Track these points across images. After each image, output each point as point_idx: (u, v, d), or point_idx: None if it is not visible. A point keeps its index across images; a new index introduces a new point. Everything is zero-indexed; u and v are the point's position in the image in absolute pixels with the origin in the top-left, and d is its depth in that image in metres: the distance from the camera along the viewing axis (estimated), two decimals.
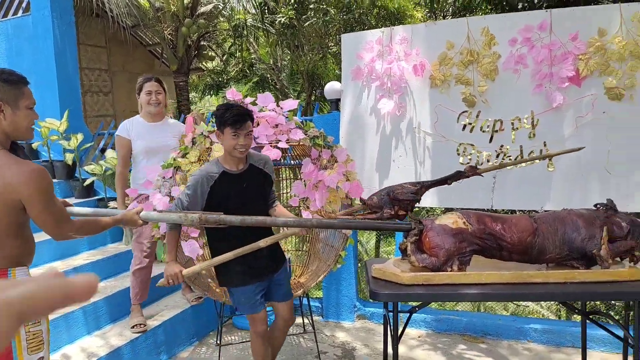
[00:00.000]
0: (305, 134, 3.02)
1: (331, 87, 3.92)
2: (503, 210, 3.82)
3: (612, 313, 4.93)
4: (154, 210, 2.87)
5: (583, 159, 3.20)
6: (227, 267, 2.42)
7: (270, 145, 2.82)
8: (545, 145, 3.27)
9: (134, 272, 3.28)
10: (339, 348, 3.52)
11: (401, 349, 3.31)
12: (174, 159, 3.02)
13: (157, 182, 2.87)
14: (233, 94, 3.22)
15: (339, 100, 3.86)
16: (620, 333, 2.49)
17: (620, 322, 2.38)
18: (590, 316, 2.55)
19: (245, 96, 3.30)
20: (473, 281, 2.22)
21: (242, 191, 2.39)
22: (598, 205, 2.32)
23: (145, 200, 2.97)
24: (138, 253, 3.29)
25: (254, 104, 3.12)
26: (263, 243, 2.33)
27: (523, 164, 3.31)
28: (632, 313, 2.25)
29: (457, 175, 2.47)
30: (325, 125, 3.98)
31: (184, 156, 3.05)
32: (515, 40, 3.28)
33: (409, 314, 2.48)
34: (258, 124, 3.15)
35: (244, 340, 3.60)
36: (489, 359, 3.22)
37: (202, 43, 9.46)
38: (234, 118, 2.25)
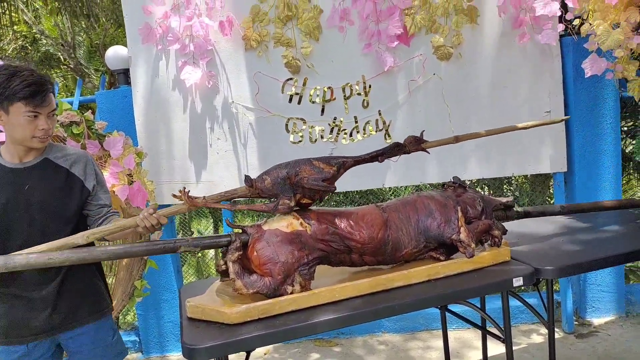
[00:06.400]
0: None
1: (115, 54, 2.92)
2: (342, 193, 3.42)
3: None
4: None
5: (419, 126, 2.92)
6: None
7: None
8: (380, 114, 2.90)
9: None
10: None
11: None
12: None
13: None
14: None
15: (128, 71, 2.91)
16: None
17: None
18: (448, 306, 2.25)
19: None
20: (325, 300, 1.66)
21: (22, 196, 1.56)
22: (446, 184, 1.99)
23: None
24: None
25: None
26: (82, 239, 1.50)
27: (360, 137, 2.89)
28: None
29: (394, 150, 1.82)
30: (114, 104, 3.00)
31: None
32: None
33: (246, 354, 1.82)
34: None
35: None
36: None
37: None
38: (30, 89, 1.46)
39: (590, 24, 2.34)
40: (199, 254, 5.45)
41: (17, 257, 1.45)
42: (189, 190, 1.65)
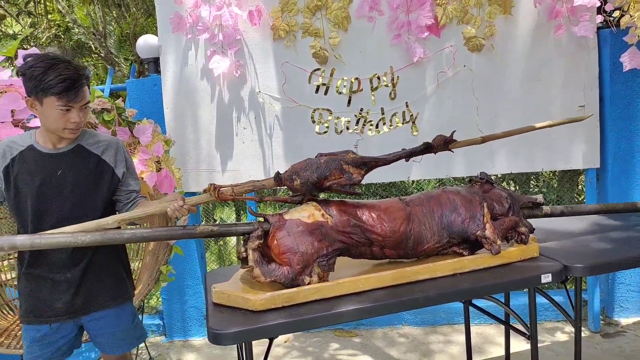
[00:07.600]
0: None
1: (145, 43, 2.97)
2: (364, 185, 3.39)
3: None
4: None
5: (446, 119, 2.88)
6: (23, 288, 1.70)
7: (14, 124, 1.84)
8: (407, 106, 2.87)
9: None
10: None
11: None
12: None
13: None
14: None
15: (158, 59, 2.95)
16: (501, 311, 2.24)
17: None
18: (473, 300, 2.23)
19: None
20: (348, 291, 1.67)
21: (54, 180, 1.62)
22: (473, 180, 1.96)
23: None
24: None
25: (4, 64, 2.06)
26: (112, 223, 1.58)
27: (386, 129, 2.88)
28: None
29: (424, 151, 1.83)
30: (143, 92, 3.06)
31: None
32: None
33: (269, 341, 1.85)
34: None
35: None
36: (364, 357, 2.81)
37: None
38: (63, 84, 1.49)
39: (631, 16, 2.26)
40: (221, 242, 5.53)
41: (43, 237, 1.49)
42: (218, 188, 1.68)
